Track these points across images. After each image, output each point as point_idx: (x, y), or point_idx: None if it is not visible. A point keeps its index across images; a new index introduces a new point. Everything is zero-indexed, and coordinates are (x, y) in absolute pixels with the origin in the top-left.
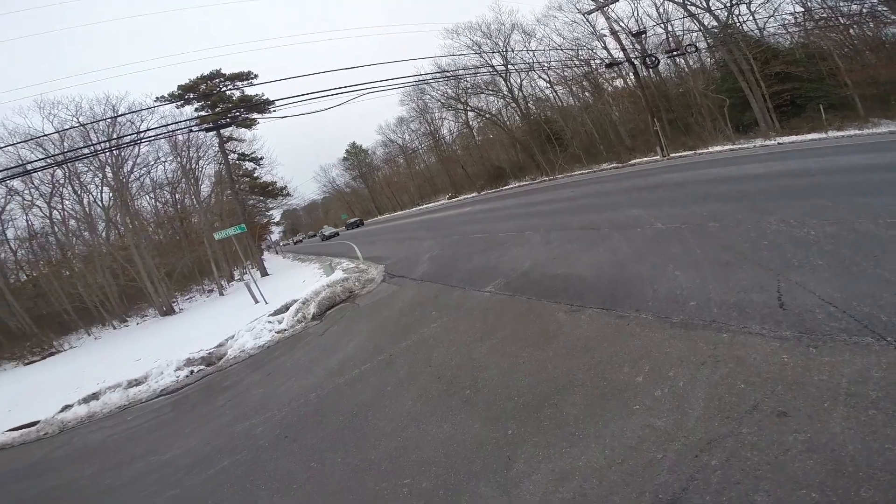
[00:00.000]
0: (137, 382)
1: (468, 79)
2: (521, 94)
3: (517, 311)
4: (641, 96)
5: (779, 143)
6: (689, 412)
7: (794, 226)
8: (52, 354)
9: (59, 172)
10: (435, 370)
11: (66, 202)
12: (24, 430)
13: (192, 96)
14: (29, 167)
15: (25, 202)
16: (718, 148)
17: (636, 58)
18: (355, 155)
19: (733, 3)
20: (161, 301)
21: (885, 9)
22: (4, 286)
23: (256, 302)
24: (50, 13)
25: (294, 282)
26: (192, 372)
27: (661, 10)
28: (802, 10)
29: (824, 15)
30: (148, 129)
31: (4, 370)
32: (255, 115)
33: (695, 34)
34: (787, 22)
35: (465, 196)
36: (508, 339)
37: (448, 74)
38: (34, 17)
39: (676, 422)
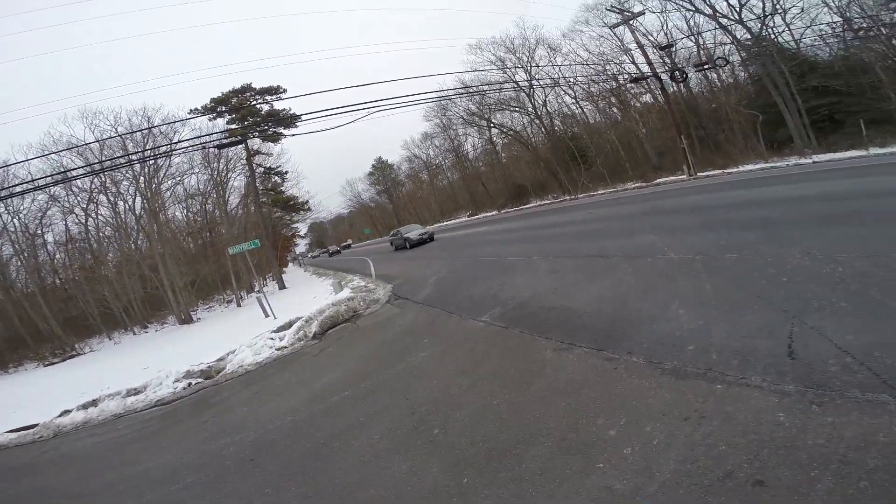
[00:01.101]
0: (136, 392)
1: (492, 95)
2: (545, 110)
3: (507, 346)
4: (669, 112)
5: (814, 162)
6: (655, 475)
7: (820, 260)
8: (71, 357)
9: (96, 181)
10: (411, 404)
11: (102, 209)
12: (21, 432)
13: (223, 109)
14: (69, 174)
15: (66, 208)
16: (750, 167)
17: (664, 72)
18: (381, 170)
19: (767, 14)
20: (180, 310)
21: None
22: (38, 289)
23: (266, 316)
24: (92, 26)
25: (306, 297)
26: (189, 384)
27: (690, 22)
28: (841, 20)
29: (864, 25)
30: (181, 141)
31: (25, 370)
32: (282, 130)
33: (727, 47)
34: (824, 33)
35: (486, 214)
36: (491, 375)
37: (470, 90)
38: (79, 29)
39: (638, 486)
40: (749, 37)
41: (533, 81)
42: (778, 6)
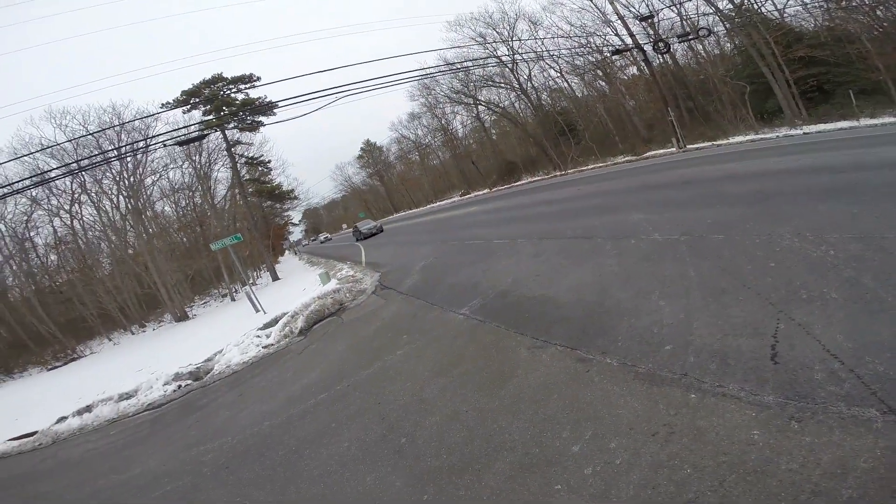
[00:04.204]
0: (128, 396)
1: (476, 72)
2: (530, 85)
3: (483, 343)
4: (655, 83)
5: (805, 133)
6: (612, 501)
7: (811, 241)
8: (74, 360)
9: (76, 181)
10: (382, 409)
11: (87, 209)
12: (22, 440)
13: (197, 100)
14: (47, 176)
15: (50, 210)
16: (740, 138)
17: (647, 43)
18: (370, 152)
19: None
20: (175, 307)
21: None
22: (34, 293)
23: (257, 311)
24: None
25: (295, 289)
26: (179, 387)
27: None
28: None
29: None
30: (157, 135)
31: (29, 375)
32: (261, 119)
33: (711, 17)
34: (808, 4)
35: (477, 193)
36: (464, 377)
37: (452, 68)
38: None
39: None
40: (731, 6)
41: (515, 56)
42: None
